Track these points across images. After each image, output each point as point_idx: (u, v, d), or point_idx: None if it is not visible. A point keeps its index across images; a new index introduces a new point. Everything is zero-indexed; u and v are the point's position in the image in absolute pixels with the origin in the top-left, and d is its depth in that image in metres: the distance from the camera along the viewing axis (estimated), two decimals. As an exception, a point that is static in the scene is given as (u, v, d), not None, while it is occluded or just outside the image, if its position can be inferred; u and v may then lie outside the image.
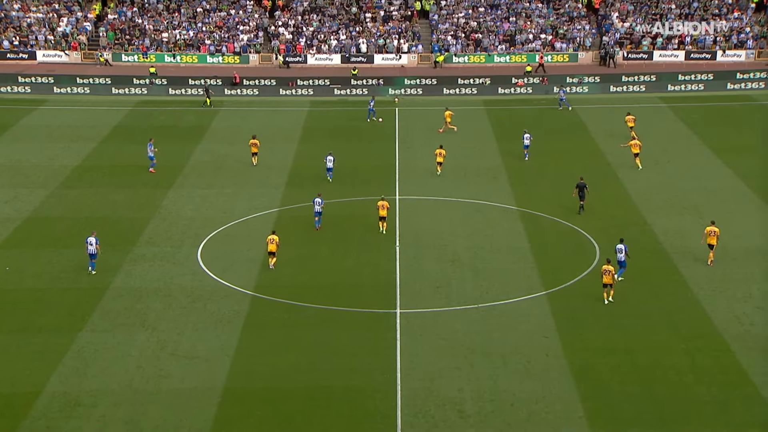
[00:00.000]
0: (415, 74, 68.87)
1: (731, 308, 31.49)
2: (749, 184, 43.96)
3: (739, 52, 69.84)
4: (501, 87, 65.24)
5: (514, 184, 45.56)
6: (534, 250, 37.09)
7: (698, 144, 51.20)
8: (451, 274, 35.26)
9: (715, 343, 29.24)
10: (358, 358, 29.00)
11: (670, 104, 60.62)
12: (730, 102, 60.98)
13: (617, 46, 71.87)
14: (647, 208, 41.30)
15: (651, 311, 31.70)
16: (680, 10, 74.16)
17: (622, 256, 33.88)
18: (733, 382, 26.92)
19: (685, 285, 33.51)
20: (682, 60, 70.41)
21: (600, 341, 29.76)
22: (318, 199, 39.68)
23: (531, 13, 75.87)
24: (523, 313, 31.83)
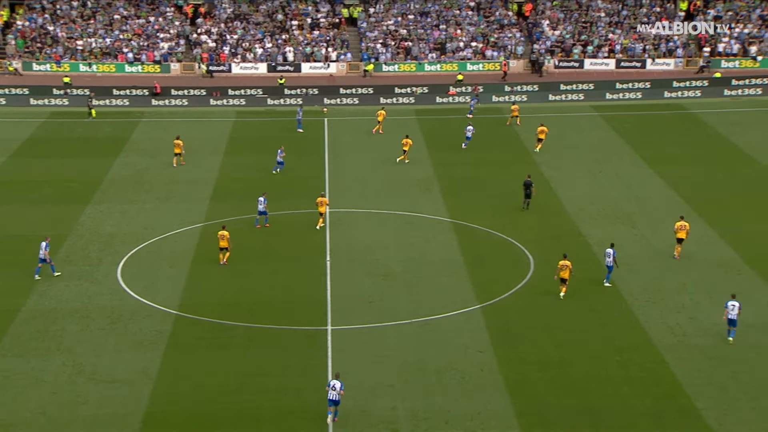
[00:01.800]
0: (344, 83, 69.01)
1: (664, 319, 32.25)
2: (681, 193, 45.16)
3: (668, 60, 71.84)
4: (438, 96, 65.85)
5: (447, 195, 45.93)
6: (468, 263, 37.41)
7: (630, 153, 52.41)
8: (383, 288, 35.31)
9: (650, 354, 29.88)
10: (288, 377, 28.80)
11: (602, 113, 61.95)
12: (662, 111, 62.60)
13: (548, 54, 73.25)
14: (581, 219, 42.07)
15: (586, 323, 32.25)
16: (610, 18, 75.97)
17: (609, 260, 34.38)
18: (667, 394, 27.53)
19: (620, 296, 34.20)
20: (612, 68, 72.10)
21: (535, 354, 30.14)
22: (261, 198, 40.12)
23: (461, 21, 76.83)
24: (458, 328, 32.04)
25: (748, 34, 72.21)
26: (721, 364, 29.03)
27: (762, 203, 43.37)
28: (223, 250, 36.91)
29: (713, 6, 75.39)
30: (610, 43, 73.39)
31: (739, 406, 26.67)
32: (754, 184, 46.50)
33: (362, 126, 60.55)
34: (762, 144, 52.97)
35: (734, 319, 30.27)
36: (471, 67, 73.03)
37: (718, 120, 58.98)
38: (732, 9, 74.70)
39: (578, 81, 67.65)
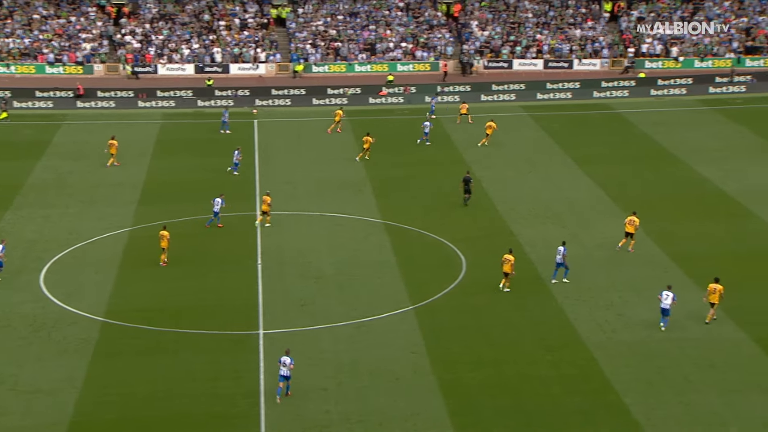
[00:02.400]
0: (274, 84, 68.68)
1: (594, 317, 32.89)
2: (608, 192, 46.08)
3: (594, 60, 73.28)
4: (370, 97, 65.96)
5: (379, 196, 46.08)
6: (400, 264, 37.59)
7: (560, 153, 53.30)
8: (316, 291, 35.25)
9: (580, 352, 30.44)
10: (220, 382, 28.54)
11: (531, 113, 62.86)
12: (590, 111, 63.82)
13: (477, 55, 74.05)
14: (512, 218, 42.63)
15: (518, 322, 32.69)
16: (537, 19, 77.17)
17: (560, 257, 35.12)
18: (597, 391, 28.08)
19: (550, 295, 34.76)
20: (541, 69, 73.23)
21: (468, 354, 30.44)
22: (218, 199, 40.54)
23: (391, 21, 77.15)
24: (391, 329, 32.17)
25: (670, 35, 74.13)
26: (647, 359, 29.74)
27: (686, 202, 44.56)
28: (164, 251, 36.75)
29: (636, 7, 77.16)
30: (537, 43, 74.53)
31: (665, 400, 27.35)
32: (679, 183, 47.73)
33: (293, 127, 60.38)
34: (685, 143, 54.41)
35: (666, 308, 31.24)
36: (401, 68, 73.41)
37: (644, 120, 60.39)
38: (654, 10, 76.57)
39: (510, 81, 68.53)
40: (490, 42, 75.04)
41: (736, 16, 74.82)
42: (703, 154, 51.95)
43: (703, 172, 48.67)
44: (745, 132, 56.38)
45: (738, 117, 59.96)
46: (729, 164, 49.89)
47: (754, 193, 44.85)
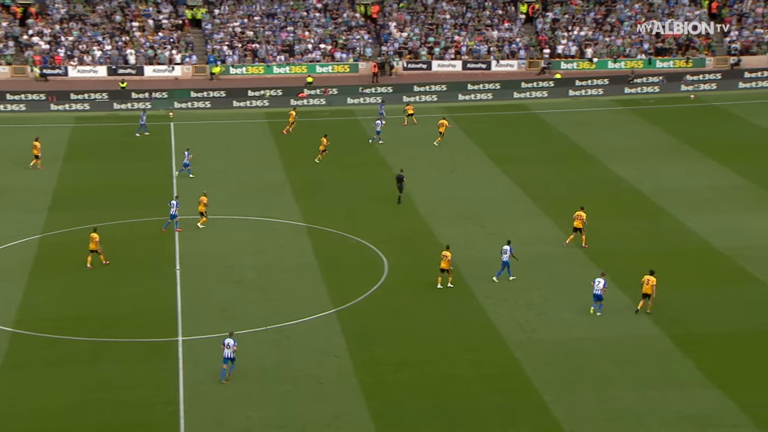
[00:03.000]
0: (192, 86, 67.81)
1: (514, 316, 33.37)
2: (528, 192, 46.82)
3: (511, 62, 74.42)
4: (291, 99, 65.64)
5: (300, 198, 45.93)
6: (322, 267, 37.54)
7: (479, 153, 53.94)
8: (237, 296, 34.94)
9: (501, 351, 30.85)
10: (137, 392, 28.04)
11: (452, 114, 63.43)
12: (510, 111, 64.75)
13: (397, 56, 74.43)
14: (433, 219, 42.97)
15: (439, 322, 32.96)
16: (455, 20, 77.96)
17: (506, 257, 35.66)
18: (517, 390, 28.51)
19: (471, 294, 35.15)
20: (459, 69, 74.02)
21: (390, 356, 30.57)
22: (173, 202, 40.18)
23: (309, 23, 76.98)
24: (314, 333, 32.10)
25: (584, 37, 75.77)
26: (567, 357, 30.32)
27: (603, 201, 45.54)
28: (93, 253, 36.27)
29: (551, 9, 78.64)
30: (456, 45, 75.32)
31: (584, 398, 27.92)
32: (596, 182, 48.78)
33: (212, 130, 59.71)
34: (601, 143, 55.63)
35: (598, 294, 32.65)
36: (320, 69, 73.32)
37: (561, 120, 61.55)
38: (569, 12, 78.17)
39: (431, 83, 69.08)
40: (409, 43, 75.52)
41: (646, 18, 76.93)
42: (619, 153, 53.21)
43: (618, 172, 49.87)
44: (658, 132, 58.00)
45: (651, 117, 61.63)
46: (643, 164, 51.22)
47: (668, 192, 46.16)
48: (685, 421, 26.53)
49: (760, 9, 76.25)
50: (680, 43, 74.24)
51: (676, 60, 73.09)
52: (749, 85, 68.87)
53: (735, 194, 45.70)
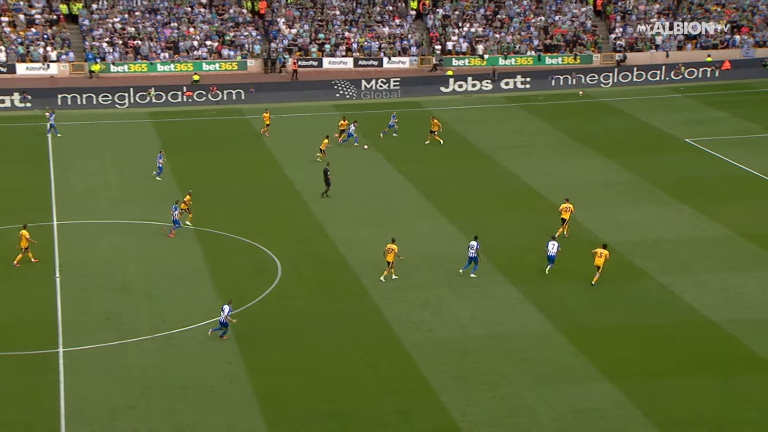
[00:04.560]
0: (69, 85, 65.82)
1: (410, 316, 33.69)
2: (422, 191, 47.25)
3: (403, 58, 75.05)
4: (175, 97, 64.48)
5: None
6: (212, 272, 37.08)
7: (372, 152, 54.17)
8: (121, 303, 34.18)
9: (397, 351, 31.11)
10: (16, 407, 27.12)
11: (345, 113, 63.47)
12: (405, 109, 65.17)
13: (286, 53, 74.06)
14: (327, 220, 42.94)
15: (335, 325, 32.98)
16: (345, 16, 78.09)
17: (473, 252, 36.05)
18: (414, 390, 28.80)
19: (367, 295, 35.30)
20: (351, 67, 74.17)
21: (285, 361, 30.43)
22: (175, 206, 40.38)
23: (194, 19, 75.78)
24: (204, 340, 31.67)
25: (474, 33, 77.04)
26: (463, 356, 30.80)
27: (496, 198, 46.42)
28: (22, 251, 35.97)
29: (442, 5, 79.66)
30: (347, 41, 75.47)
31: (480, 396, 28.42)
32: (488, 179, 49.64)
33: (92, 130, 58.11)
34: (493, 140, 56.65)
35: (552, 255, 36.23)
36: (207, 67, 72.26)
37: (454, 117, 62.39)
38: (459, 8, 79.33)
39: (319, 81, 69.06)
40: (298, 40, 75.25)
41: (535, 15, 78.78)
42: (510, 150, 54.32)
43: (510, 168, 50.89)
44: (547, 128, 59.45)
45: (541, 113, 63.12)
46: (534, 159, 52.42)
47: (558, 188, 47.35)
48: (578, 414, 27.33)
49: (642, 6, 79.03)
50: (568, 39, 76.28)
51: (565, 56, 75.07)
52: (635, 81, 71.24)
53: (623, 189, 47.26)
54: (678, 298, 34.83)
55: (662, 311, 33.87)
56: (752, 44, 74.81)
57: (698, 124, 59.35)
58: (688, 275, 36.72)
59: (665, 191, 45.99)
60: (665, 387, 28.68)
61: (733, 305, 34.18)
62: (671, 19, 77.67)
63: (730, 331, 32.16)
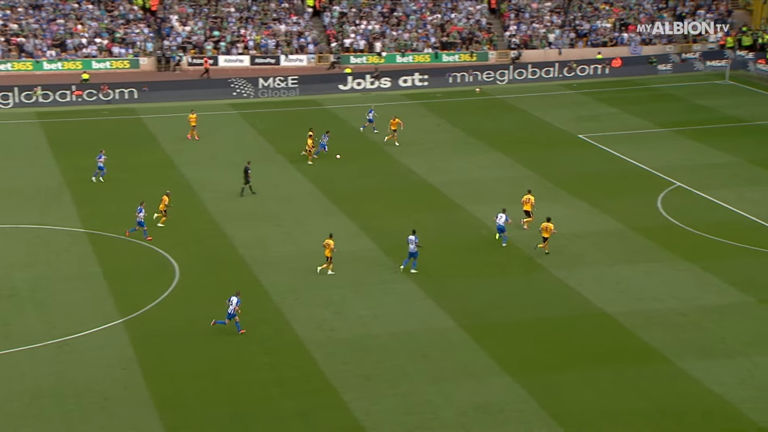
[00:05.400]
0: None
1: (312, 316, 33.64)
2: (322, 189, 47.20)
3: (301, 56, 74.81)
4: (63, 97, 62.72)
5: (80, 204, 44.16)
6: (107, 275, 36.30)
7: (272, 151, 53.86)
8: (9, 310, 33.19)
9: (299, 352, 31.03)
10: None
11: (240, 111, 62.96)
12: (303, 107, 65.00)
13: (180, 51, 72.89)
14: (224, 219, 42.50)
15: (232, 327, 32.64)
16: (240, 13, 77.35)
17: (413, 246, 36.33)
18: (316, 390, 28.79)
19: (267, 295, 35.09)
20: (247, 65, 73.52)
21: (184, 365, 30.01)
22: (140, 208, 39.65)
23: (82, 15, 73.85)
24: (99, 346, 30.99)
25: (371, 31, 77.37)
26: (365, 355, 30.94)
27: (396, 195, 46.74)
28: None
29: (338, 2, 79.72)
30: (242, 39, 74.77)
31: (383, 394, 28.60)
32: (388, 176, 49.92)
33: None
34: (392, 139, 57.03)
35: (501, 226, 39.14)
36: (97, 65, 70.53)
37: (354, 115, 62.51)
38: (355, 6, 79.54)
39: (215, 79, 68.24)
40: (193, 38, 74.16)
41: (431, 12, 79.64)
42: (410, 147, 54.76)
43: (409, 165, 51.31)
44: (445, 125, 60.15)
45: (439, 110, 63.85)
46: (433, 156, 52.98)
47: (457, 185, 48.03)
48: (480, 409, 27.79)
49: (535, 4, 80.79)
50: (464, 37, 77.37)
51: (461, 54, 76.11)
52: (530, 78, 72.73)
53: (521, 185, 48.13)
54: (574, 291, 35.76)
55: (559, 305, 34.73)
56: (639, 42, 77.33)
57: (590, 120, 61.05)
58: (584, 269, 37.76)
59: (560, 186, 47.15)
60: (562, 379, 29.44)
61: (626, 297, 35.30)
62: (563, 17, 79.65)
63: (623, 322, 33.22)
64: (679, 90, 69.17)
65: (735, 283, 36.08)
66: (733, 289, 35.66)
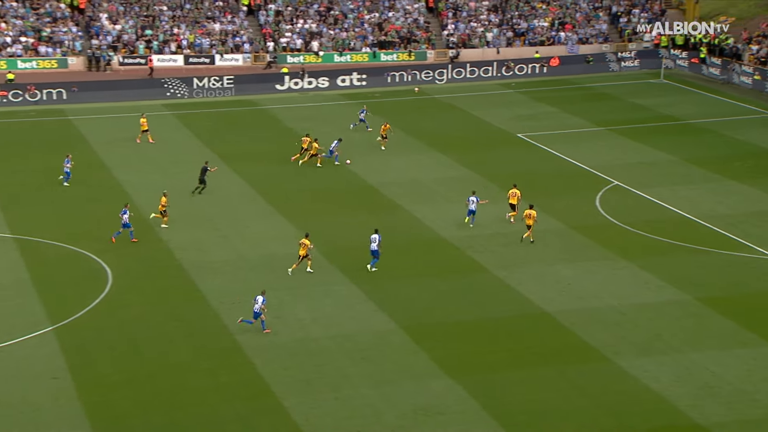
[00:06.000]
0: None
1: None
2: (260, 191, 46.93)
3: (236, 56, 74.30)
4: None
5: (6, 207, 43.34)
6: (36, 282, 35.64)
7: (207, 152, 53.39)
8: (-66, 321, 32.26)
9: (238, 357, 30.79)
10: None
11: (174, 112, 62.28)
12: (238, 108, 64.57)
13: (111, 50, 71.82)
14: (158, 224, 41.96)
15: (171, 333, 32.33)
16: (173, 12, 76.52)
17: (375, 245, 36.72)
18: (256, 396, 28.60)
19: (205, 300, 34.78)
20: (181, 64, 72.79)
21: (118, 373, 29.58)
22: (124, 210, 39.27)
23: (6, 13, 72.32)
24: (27, 355, 30.42)
25: (308, 30, 77.17)
26: (306, 359, 30.84)
27: (335, 196, 46.70)
28: None
29: (274, 0, 79.35)
30: (176, 38, 73.98)
31: (323, 398, 28.54)
32: (326, 178, 49.87)
33: None
34: (330, 138, 56.88)
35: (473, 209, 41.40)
36: (23, 65, 69.16)
37: (291, 115, 62.31)
38: (291, 4, 79.24)
39: (147, 79, 67.48)
40: (123, 37, 73.13)
41: (369, 11, 79.75)
42: (349, 147, 54.64)
43: (349, 166, 51.22)
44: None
45: (379, 110, 63.97)
46: (372, 156, 53.04)
47: (397, 185, 48.18)
48: (421, 412, 27.91)
49: (472, 3, 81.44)
50: (402, 36, 77.65)
51: (400, 53, 76.39)
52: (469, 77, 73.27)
53: (460, 185, 48.52)
54: (514, 291, 36.14)
55: (500, 305, 35.05)
56: (576, 41, 78.50)
57: (529, 119, 61.78)
58: (524, 268, 38.18)
59: (500, 186, 47.59)
60: (503, 380, 29.72)
61: (566, 296, 35.79)
62: (500, 16, 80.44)
63: (563, 321, 33.67)
64: (615, 89, 70.40)
65: (671, 281, 36.83)
66: (669, 287, 36.39)
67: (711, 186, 48.48)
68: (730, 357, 31.11)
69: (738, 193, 47.41)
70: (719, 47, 73.93)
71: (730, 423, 27.39)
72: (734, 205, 45.70)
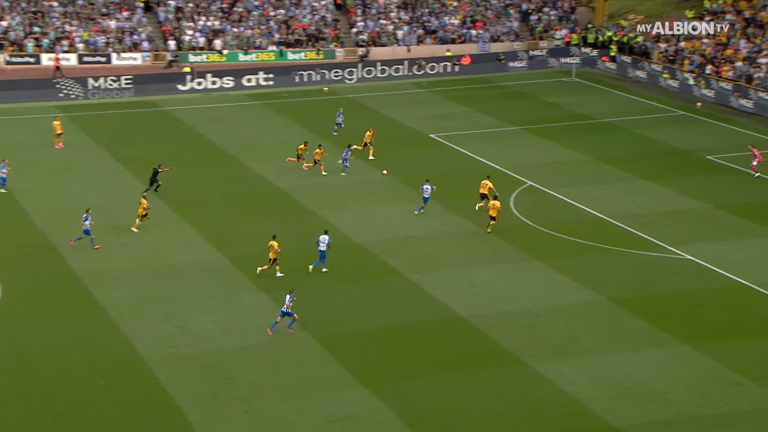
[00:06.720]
0: None
1: (153, 332, 32.80)
2: (164, 197, 45.91)
3: (134, 54, 72.96)
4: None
5: None
6: None
7: (105, 156, 52.32)
8: None
9: (139, 372, 30.19)
10: None
11: (69, 114, 60.84)
12: (137, 109, 63.43)
13: (-3, 48, 69.84)
14: (54, 232, 41.03)
15: (65, 346, 31.54)
16: (65, 8, 74.73)
17: (323, 246, 37.18)
18: (159, 412, 28.09)
19: (103, 311, 34.05)
20: (75, 63, 71.15)
21: (7, 390, 28.76)
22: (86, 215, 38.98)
23: None
24: None
25: (210, 27, 76.29)
26: (213, 371, 30.40)
27: (244, 202, 46.23)
28: None
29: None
30: (68, 36, 72.25)
31: (232, 412, 28.18)
32: (236, 182, 49.34)
33: None
34: (239, 140, 56.42)
35: (427, 197, 43.39)
36: None
37: (195, 117, 61.48)
38: (192, 0, 78.17)
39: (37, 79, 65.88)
40: (11, 34, 71.05)
41: (274, 8, 79.28)
42: (257, 150, 54.34)
43: (258, 170, 50.85)
44: (294, 126, 60.03)
45: (286, 111, 63.71)
46: (281, 160, 52.66)
47: (307, 189, 47.97)
48: (335, 423, 27.81)
49: (381, 0, 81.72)
50: (310, 34, 77.41)
51: (307, 51, 76.17)
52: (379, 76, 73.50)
53: (373, 188, 48.63)
54: (429, 295, 36.35)
55: (414, 310, 35.20)
56: (488, 39, 79.53)
57: (442, 119, 62.29)
58: (438, 272, 38.44)
59: (413, 188, 47.83)
60: (419, 386, 29.83)
61: (481, 300, 36.16)
62: (410, 13, 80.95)
63: (478, 325, 34.00)
64: (528, 87, 71.58)
65: (585, 282, 37.58)
66: (583, 288, 37.12)
67: (623, 185, 49.67)
68: (644, 358, 31.89)
69: (649, 192, 48.70)
70: (629, 45, 75.88)
71: (644, 424, 28.05)
72: (646, 204, 46.93)
